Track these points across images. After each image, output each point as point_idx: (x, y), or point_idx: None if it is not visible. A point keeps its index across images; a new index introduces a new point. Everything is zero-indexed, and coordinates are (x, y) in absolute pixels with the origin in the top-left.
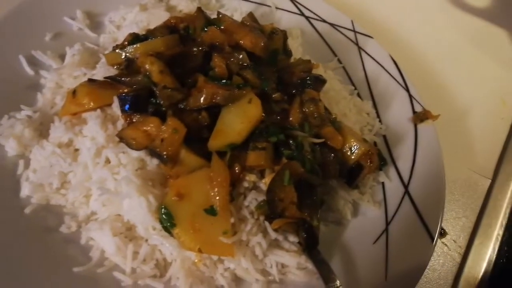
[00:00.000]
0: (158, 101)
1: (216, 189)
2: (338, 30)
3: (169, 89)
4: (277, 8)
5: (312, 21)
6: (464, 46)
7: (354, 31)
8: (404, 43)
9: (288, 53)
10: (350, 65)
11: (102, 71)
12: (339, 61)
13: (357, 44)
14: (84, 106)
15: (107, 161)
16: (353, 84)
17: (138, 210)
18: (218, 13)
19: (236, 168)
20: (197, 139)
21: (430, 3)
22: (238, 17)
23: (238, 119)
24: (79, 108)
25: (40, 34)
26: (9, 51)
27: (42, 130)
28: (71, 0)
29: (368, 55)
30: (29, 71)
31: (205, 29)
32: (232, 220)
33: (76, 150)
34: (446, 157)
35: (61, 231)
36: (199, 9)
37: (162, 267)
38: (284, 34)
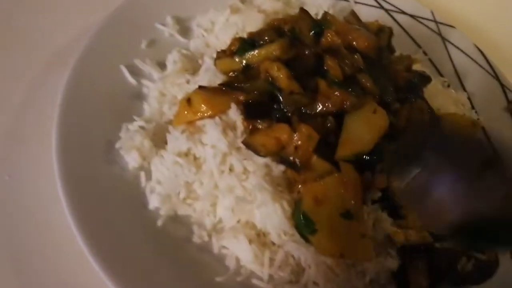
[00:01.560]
0: (281, 107)
1: (350, 194)
2: (419, 21)
3: (296, 94)
4: (356, 2)
5: (392, 13)
6: None
7: (435, 21)
8: (486, 32)
9: (392, 49)
10: (436, 56)
11: (207, 77)
12: (425, 53)
13: (440, 34)
14: (201, 114)
15: (230, 169)
16: (441, 76)
17: (273, 217)
18: (326, 13)
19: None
20: (323, 144)
21: None
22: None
23: (366, 130)
24: (195, 116)
25: (135, 42)
26: (110, 62)
27: (156, 140)
28: (160, 7)
29: (453, 45)
30: (132, 81)
31: (313, 31)
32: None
33: (195, 158)
34: None
35: (194, 241)
36: (302, 10)
37: (295, 272)
38: (390, 31)
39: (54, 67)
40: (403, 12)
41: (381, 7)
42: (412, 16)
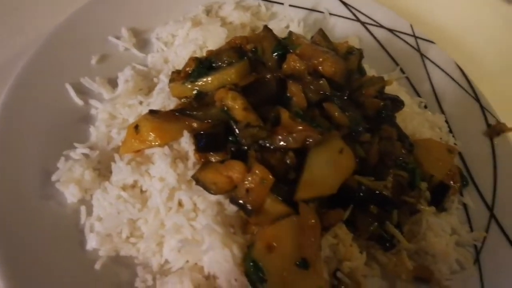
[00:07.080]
0: (237, 139)
1: (308, 239)
2: (397, 36)
3: (253, 127)
4: (330, 14)
5: (369, 27)
6: None
7: (414, 36)
8: (466, 47)
9: (362, 72)
10: (414, 74)
11: (160, 99)
12: (402, 71)
13: (419, 50)
14: (149, 143)
15: (180, 204)
16: (418, 95)
17: (222, 263)
18: (290, 33)
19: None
20: (280, 180)
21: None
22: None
23: (330, 172)
24: (143, 145)
25: (84, 58)
26: (54, 80)
27: (101, 169)
28: (114, 18)
29: (432, 62)
30: (78, 101)
31: (276, 52)
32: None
33: (142, 191)
34: None
35: (136, 287)
36: (266, 28)
37: None
38: (360, 54)
39: None
40: (381, 26)
41: (357, 19)
42: (390, 30)
